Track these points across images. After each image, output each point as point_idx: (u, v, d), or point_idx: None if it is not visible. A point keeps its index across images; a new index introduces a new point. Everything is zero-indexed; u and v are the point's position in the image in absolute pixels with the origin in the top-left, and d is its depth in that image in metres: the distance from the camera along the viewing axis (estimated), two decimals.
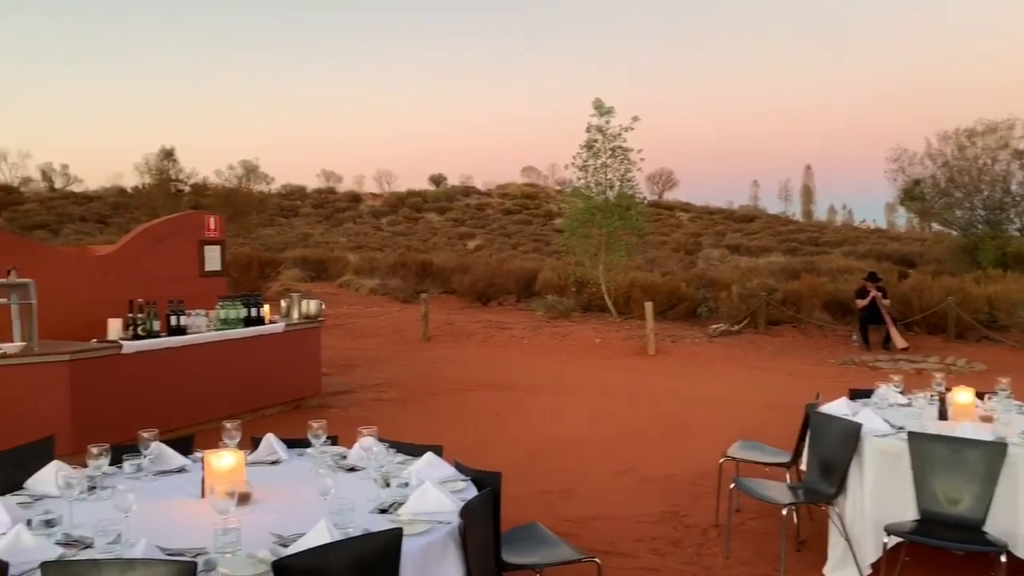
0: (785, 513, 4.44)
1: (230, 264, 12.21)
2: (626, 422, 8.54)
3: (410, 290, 22.41)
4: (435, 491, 3.06)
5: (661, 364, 12.71)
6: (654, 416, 8.81)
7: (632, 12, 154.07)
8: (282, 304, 9.26)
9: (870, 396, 5.27)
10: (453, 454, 3.76)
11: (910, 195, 26.50)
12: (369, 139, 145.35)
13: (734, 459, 5.40)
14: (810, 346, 14.59)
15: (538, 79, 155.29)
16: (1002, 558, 3.79)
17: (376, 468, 3.33)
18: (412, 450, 3.79)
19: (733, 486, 4.85)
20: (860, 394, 5.37)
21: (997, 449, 3.98)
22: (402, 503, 3.05)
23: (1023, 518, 3.92)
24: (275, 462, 3.78)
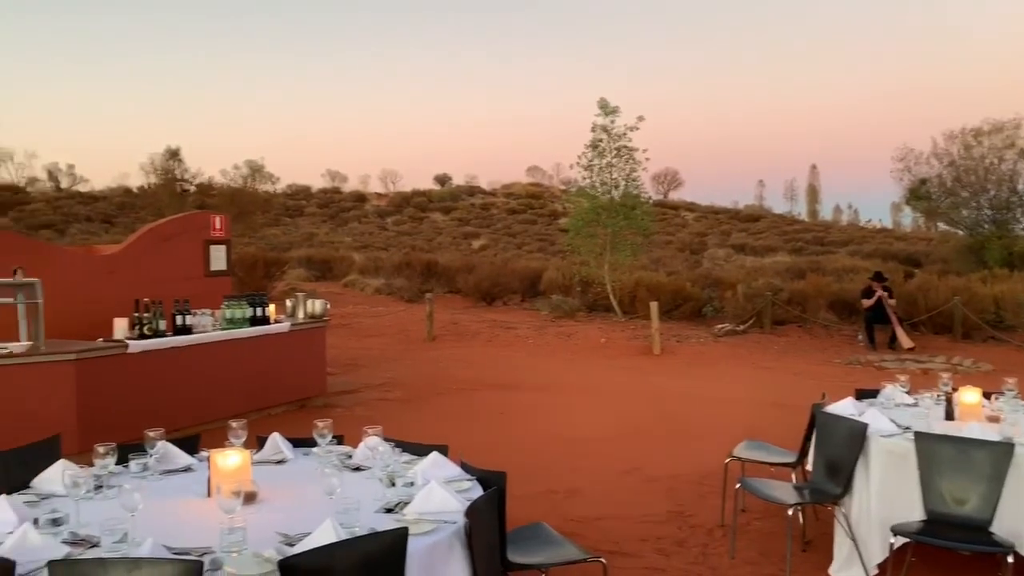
0: (791, 513, 4.43)
1: (235, 264, 12.23)
2: (631, 422, 8.53)
3: (415, 290, 22.42)
4: (441, 491, 3.06)
5: (666, 364, 12.69)
6: (659, 416, 8.81)
7: (637, 11, 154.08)
8: (287, 304, 9.26)
9: (876, 396, 5.26)
10: (458, 454, 3.76)
11: (916, 194, 26.44)
12: (374, 139, 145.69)
13: (740, 459, 5.39)
14: (816, 346, 14.57)
15: (543, 79, 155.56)
16: (1009, 559, 3.78)
17: (382, 467, 3.33)
18: (417, 450, 3.79)
19: (739, 486, 4.84)
20: (866, 394, 5.36)
21: (1004, 449, 3.97)
22: (408, 503, 3.04)
23: None
24: (281, 461, 3.79)
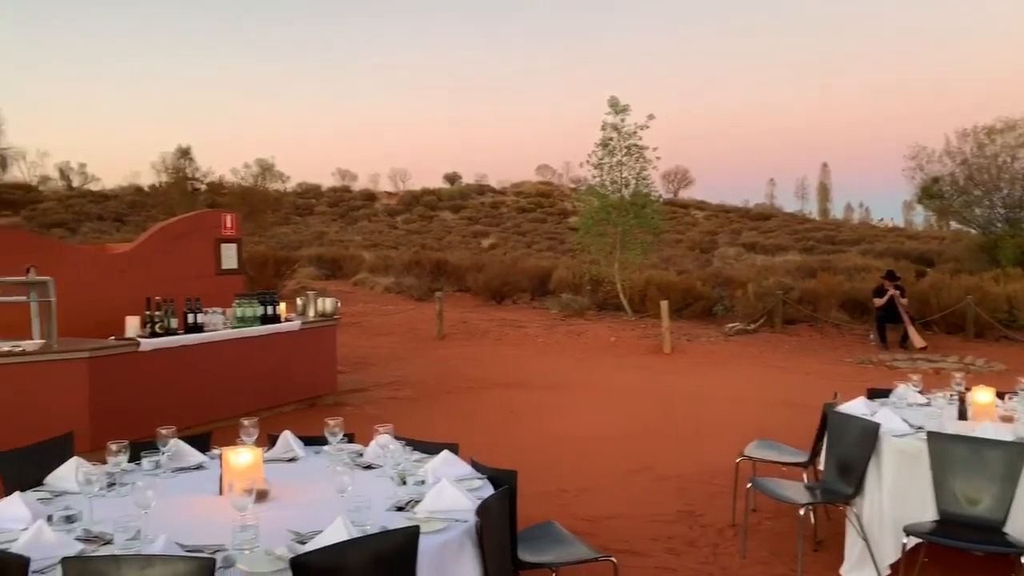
0: (802, 513, 4.41)
1: (246, 262, 12.26)
2: (641, 421, 8.52)
3: (424, 288, 22.44)
4: (452, 489, 3.06)
5: (676, 363, 12.67)
6: (669, 415, 8.79)
7: (647, 9, 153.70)
8: (298, 302, 9.29)
9: (888, 395, 5.24)
10: (468, 452, 3.76)
11: (928, 193, 26.27)
12: (384, 138, 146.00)
13: (751, 458, 5.37)
14: (827, 345, 14.51)
15: (553, 77, 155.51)
16: (1022, 559, 3.75)
17: (392, 466, 3.33)
18: (428, 448, 3.79)
19: (750, 486, 4.82)
20: (878, 393, 5.34)
21: (1017, 449, 3.94)
22: (419, 501, 3.05)
23: None
24: (292, 459, 3.79)
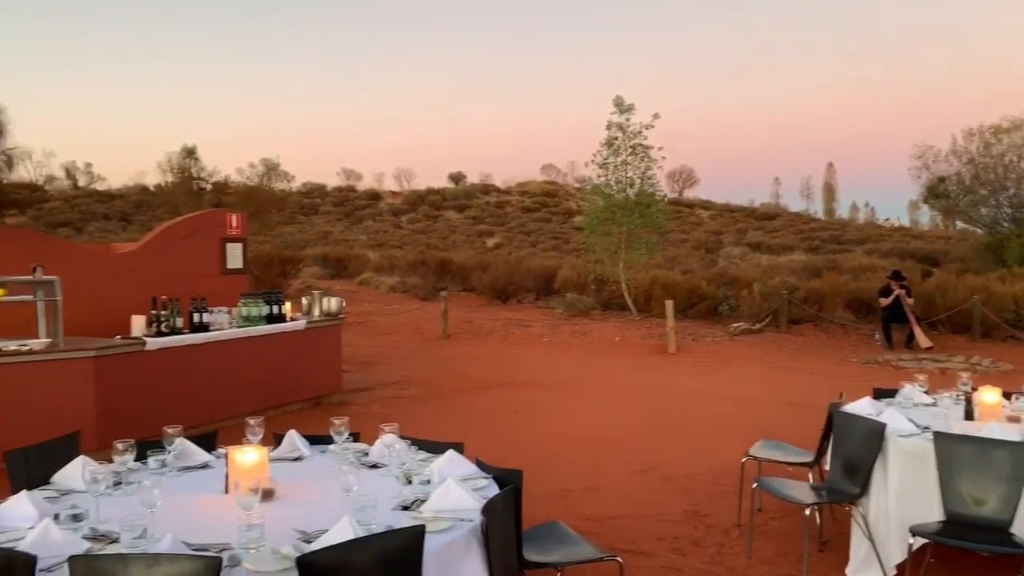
0: (808, 513, 4.40)
1: (252, 262, 12.28)
2: (646, 421, 8.51)
3: (429, 288, 22.45)
4: (457, 488, 3.06)
5: (682, 363, 12.66)
6: (675, 415, 8.78)
7: (653, 8, 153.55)
8: (303, 302, 9.30)
9: (894, 396, 5.22)
10: (473, 451, 3.76)
11: (934, 192, 26.19)
12: (388, 137, 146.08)
13: (756, 458, 5.36)
14: (832, 345, 14.48)
15: (557, 76, 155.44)
16: None
17: (398, 465, 3.33)
18: (433, 447, 3.79)
19: (755, 485, 4.81)
20: (884, 393, 5.32)
21: None
22: (424, 500, 3.04)
23: None
24: (298, 458, 3.80)
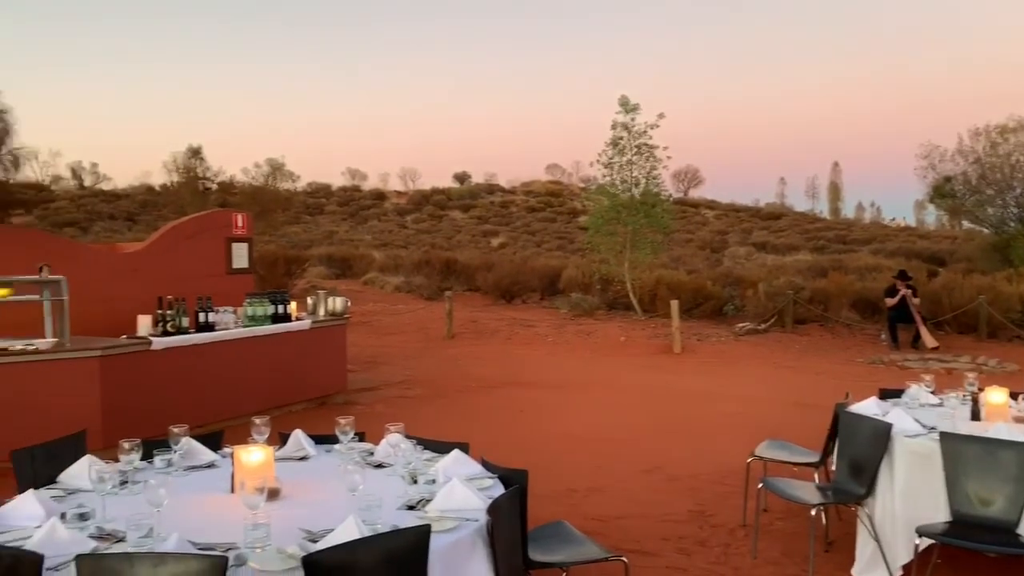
0: (814, 513, 4.39)
1: (257, 261, 12.30)
2: (651, 420, 8.50)
3: (434, 288, 22.47)
4: (462, 488, 3.06)
5: (687, 363, 12.64)
6: (680, 415, 8.77)
7: (657, 8, 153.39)
8: (308, 301, 9.32)
9: (900, 396, 5.21)
10: (478, 451, 3.76)
11: (940, 192, 26.14)
12: (393, 137, 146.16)
13: (762, 458, 5.35)
14: (838, 345, 14.45)
15: (562, 76, 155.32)
16: None
17: (403, 465, 3.34)
18: (439, 447, 3.79)
19: (761, 486, 4.80)
20: (890, 394, 5.31)
21: None
22: (430, 500, 3.05)
23: None
24: (303, 458, 3.80)
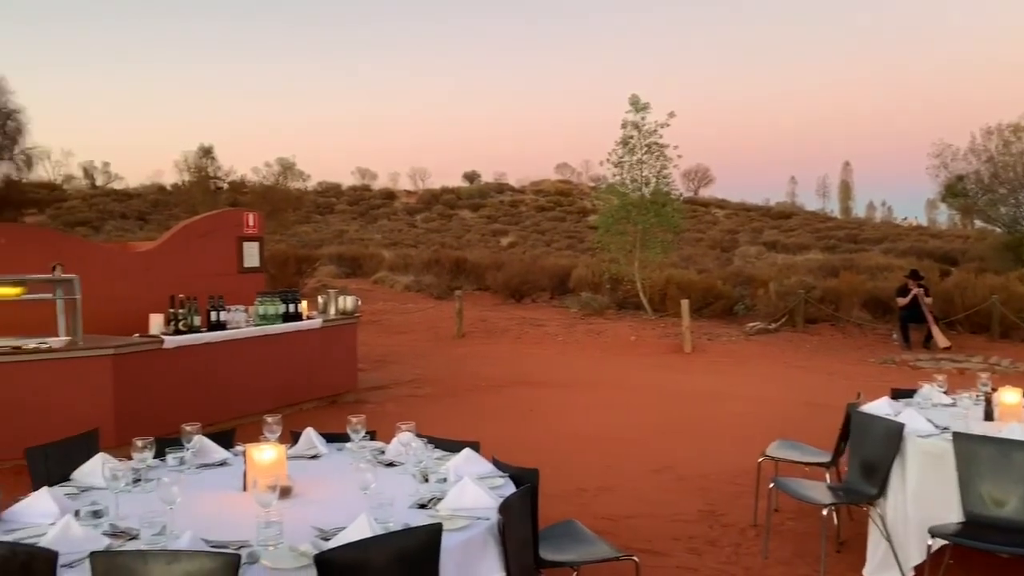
0: (825, 513, 4.38)
1: (268, 261, 12.35)
2: (662, 420, 8.49)
3: (444, 287, 22.49)
4: (474, 487, 3.06)
5: (697, 362, 12.61)
6: (690, 414, 8.75)
7: (667, 7, 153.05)
8: (319, 300, 9.34)
9: (912, 396, 5.18)
10: (489, 450, 3.76)
11: (952, 191, 26.03)
12: (403, 137, 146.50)
13: (773, 458, 5.33)
14: (849, 345, 14.39)
15: (572, 75, 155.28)
16: None
17: (415, 463, 3.34)
18: (450, 446, 3.79)
19: (772, 486, 4.79)
20: (902, 394, 5.28)
21: None
22: (441, 498, 3.05)
23: None
24: (315, 456, 3.81)
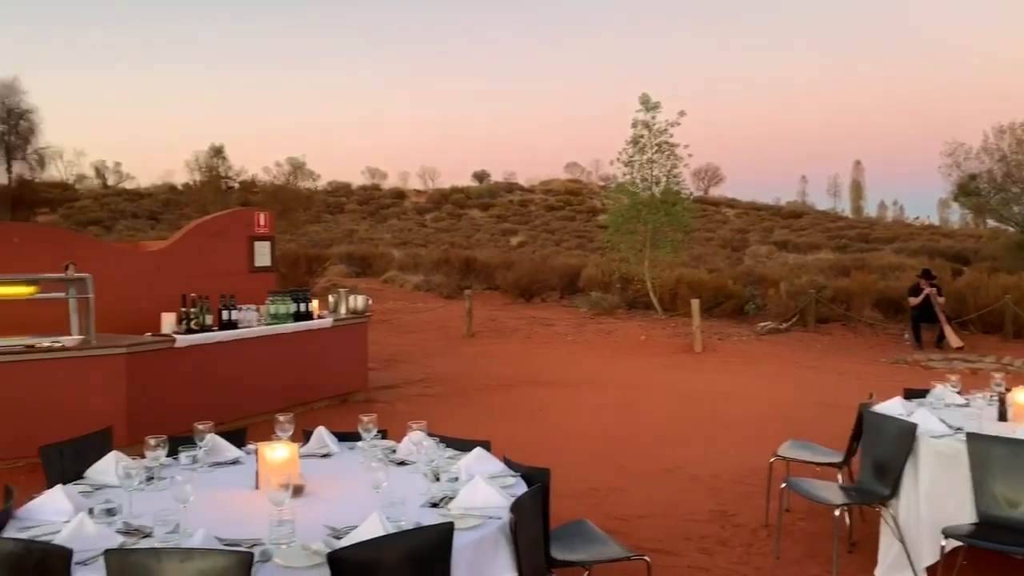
0: (837, 514, 4.36)
1: (279, 260, 12.39)
2: (673, 420, 8.48)
3: (454, 286, 22.51)
4: (485, 486, 3.06)
5: (708, 362, 12.58)
6: (701, 414, 8.73)
7: (677, 5, 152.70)
8: (330, 299, 9.36)
9: (925, 396, 5.16)
10: (500, 450, 3.76)
11: (965, 190, 25.90)
12: (413, 136, 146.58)
13: (784, 458, 5.32)
14: (860, 345, 14.34)
15: (582, 74, 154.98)
16: None
17: (426, 462, 3.35)
18: (461, 445, 3.79)
19: (784, 486, 4.77)
20: (915, 394, 5.26)
21: None
22: (452, 497, 3.05)
23: None
24: (326, 455, 3.82)
